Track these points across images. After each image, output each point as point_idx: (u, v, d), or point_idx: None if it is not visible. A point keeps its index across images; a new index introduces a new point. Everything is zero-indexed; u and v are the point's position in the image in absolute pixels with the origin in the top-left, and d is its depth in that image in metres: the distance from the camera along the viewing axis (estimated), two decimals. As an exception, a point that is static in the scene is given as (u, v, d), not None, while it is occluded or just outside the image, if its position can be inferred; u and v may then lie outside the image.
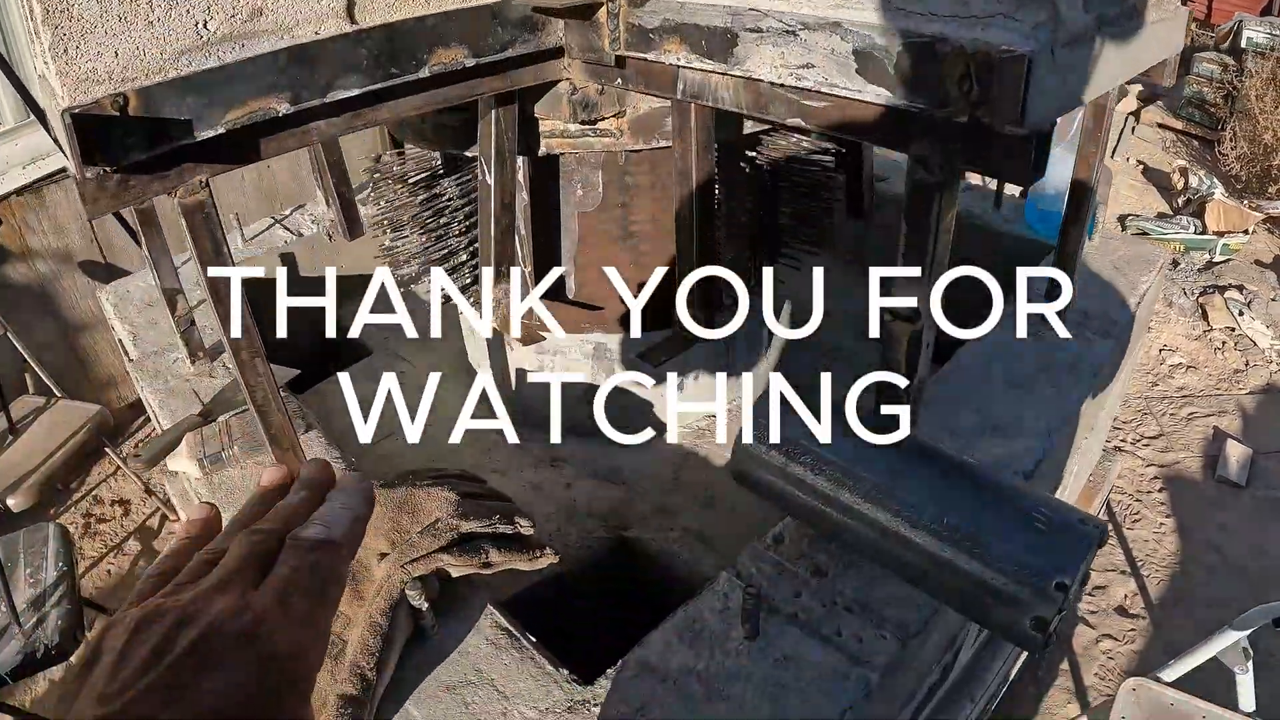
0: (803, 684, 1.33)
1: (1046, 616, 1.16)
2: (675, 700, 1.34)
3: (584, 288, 1.92)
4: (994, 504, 1.21)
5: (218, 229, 1.42)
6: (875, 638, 1.39)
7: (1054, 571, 1.16)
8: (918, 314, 1.27)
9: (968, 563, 1.20)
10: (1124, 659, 3.25)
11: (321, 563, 0.54)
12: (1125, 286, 2.34)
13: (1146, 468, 3.98)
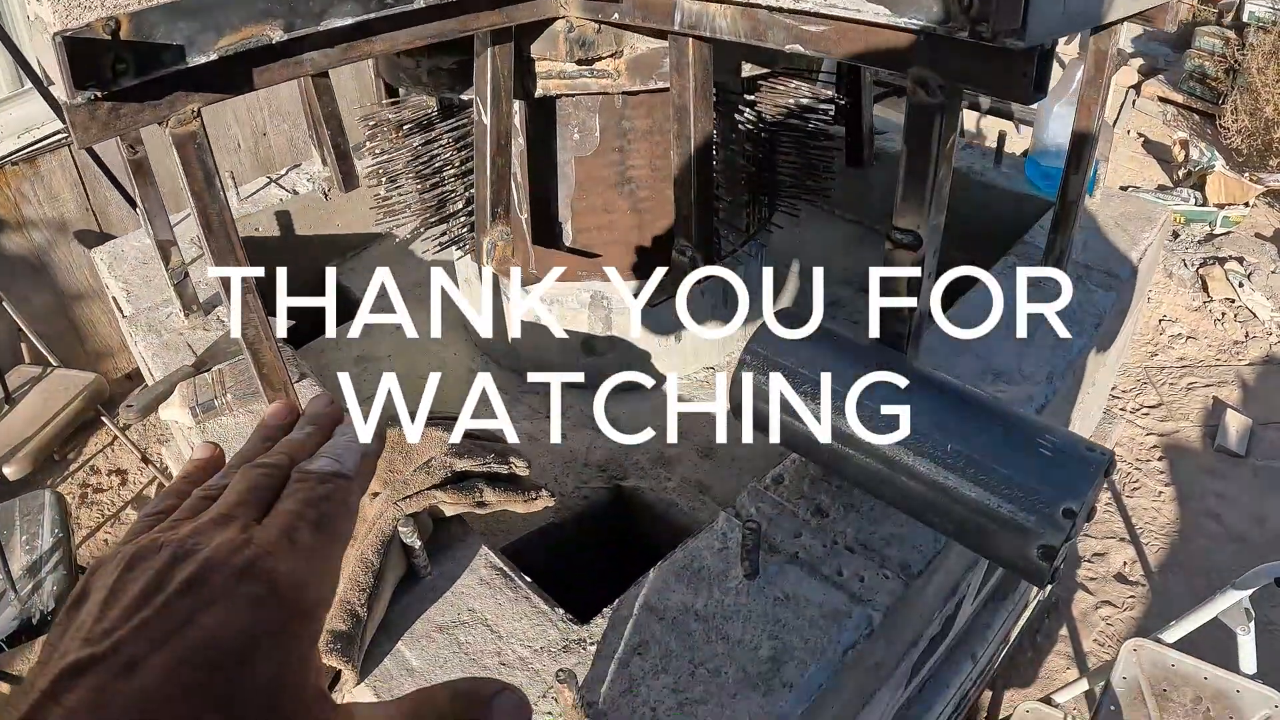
0: (803, 623, 1.31)
1: (1054, 544, 1.13)
2: (673, 639, 1.31)
3: (581, 235, 1.89)
4: (999, 431, 1.18)
5: (209, 158, 1.39)
6: (878, 577, 1.36)
7: (1062, 497, 1.12)
8: (919, 241, 1.24)
9: (972, 489, 1.16)
10: (1123, 625, 3.23)
11: (331, 495, 0.50)
12: (1126, 242, 2.31)
13: (1146, 436, 3.95)
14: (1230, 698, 2.25)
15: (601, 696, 1.28)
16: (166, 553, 0.43)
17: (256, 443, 0.57)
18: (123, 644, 0.38)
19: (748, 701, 1.24)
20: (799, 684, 1.24)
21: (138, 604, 0.40)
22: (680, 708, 1.24)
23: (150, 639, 0.38)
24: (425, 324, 2.36)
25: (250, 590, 0.41)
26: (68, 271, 3.93)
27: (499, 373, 2.18)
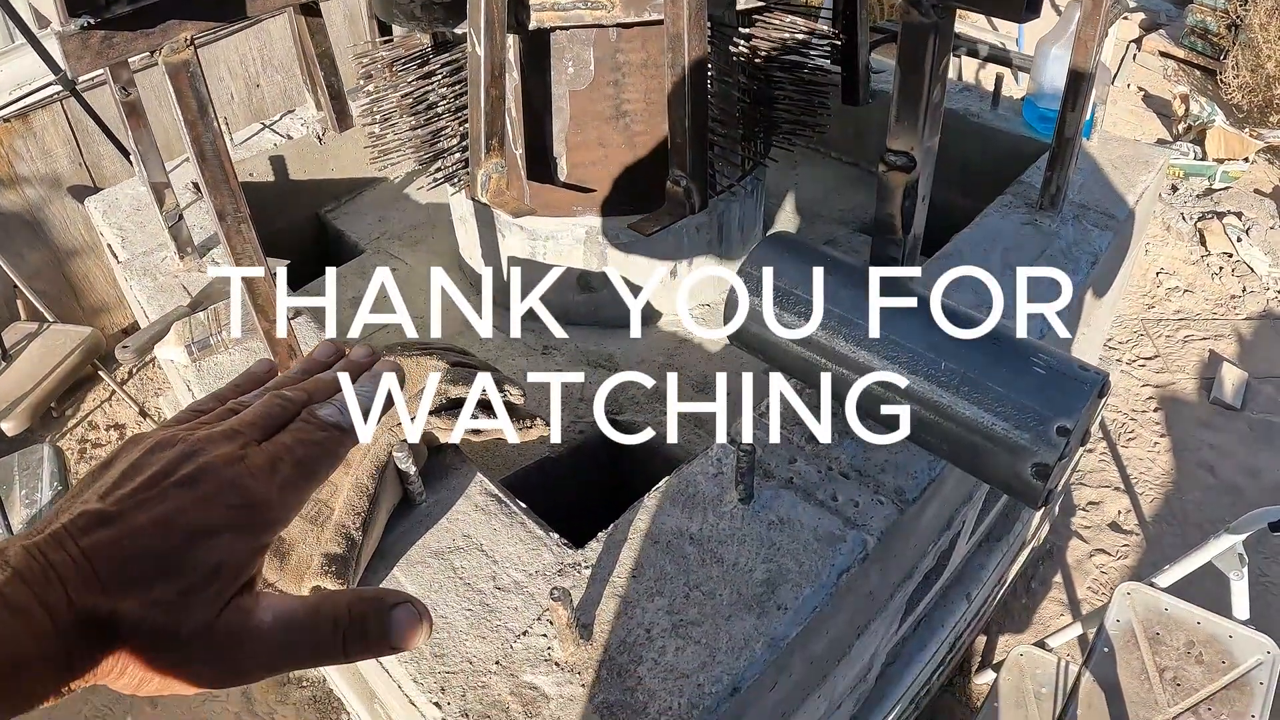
0: (797, 547, 1.30)
1: (1048, 462, 1.12)
2: (668, 562, 1.31)
3: (576, 169, 1.87)
4: (992, 350, 1.17)
5: (202, 87, 1.37)
6: (872, 503, 1.35)
7: (1056, 415, 1.11)
8: (913, 163, 1.22)
9: (966, 407, 1.15)
10: (1117, 573, 3.25)
11: (323, 443, 0.58)
12: (1123, 184, 2.28)
13: (1142, 387, 3.95)
14: (1222, 642, 2.25)
15: (596, 618, 1.27)
16: (180, 448, 0.53)
17: (295, 372, 0.66)
18: (129, 512, 0.49)
19: (742, 623, 1.24)
20: (794, 606, 1.24)
21: (147, 484, 0.50)
22: (675, 629, 1.24)
23: (148, 514, 0.49)
24: (423, 263, 2.35)
25: (226, 498, 0.51)
26: (63, 227, 3.91)
27: (495, 310, 2.17)
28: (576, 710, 1.21)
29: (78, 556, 0.46)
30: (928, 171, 1.23)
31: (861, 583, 1.36)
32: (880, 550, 1.34)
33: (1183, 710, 2.11)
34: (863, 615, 1.50)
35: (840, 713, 1.83)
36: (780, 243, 1.32)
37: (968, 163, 2.52)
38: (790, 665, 1.29)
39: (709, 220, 1.98)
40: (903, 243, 1.27)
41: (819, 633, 1.32)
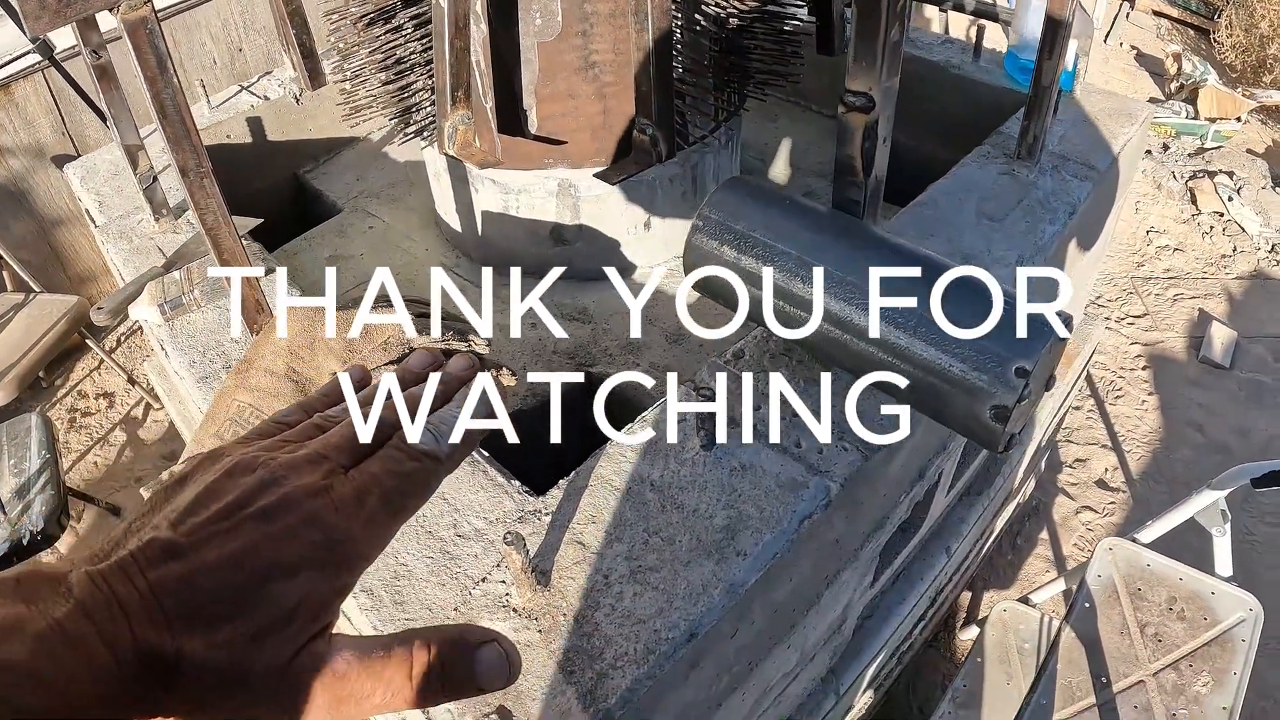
0: (759, 492, 1.29)
1: (1007, 405, 1.10)
2: (629, 509, 1.30)
3: (546, 121, 1.84)
4: (952, 292, 1.14)
5: (161, 43, 1.36)
6: (837, 450, 1.34)
7: (1014, 357, 1.09)
8: (872, 103, 1.20)
9: (925, 349, 1.13)
10: (1103, 530, 3.24)
11: (414, 475, 0.53)
12: (1105, 135, 2.25)
13: (1131, 345, 3.92)
14: (1204, 599, 2.24)
15: (555, 564, 1.26)
16: (259, 476, 0.49)
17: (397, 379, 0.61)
18: (201, 544, 0.46)
19: (700, 569, 1.22)
20: (753, 552, 1.23)
21: (222, 514, 0.47)
22: (633, 575, 1.23)
23: (222, 548, 0.46)
24: (400, 221, 2.33)
25: (307, 534, 0.48)
26: (47, 197, 3.87)
27: (470, 265, 2.15)
28: (533, 656, 1.20)
29: (145, 591, 0.44)
30: (888, 113, 1.20)
31: (825, 530, 1.35)
32: (844, 497, 1.32)
33: (1164, 666, 2.10)
34: (831, 564, 1.49)
35: (815, 664, 1.83)
36: (739, 186, 1.30)
37: (949, 115, 2.49)
38: (751, 612, 1.28)
39: (682, 171, 1.95)
40: (863, 185, 1.24)
41: (780, 580, 1.30)
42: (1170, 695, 2.04)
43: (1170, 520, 2.37)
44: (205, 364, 1.76)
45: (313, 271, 2.23)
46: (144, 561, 0.45)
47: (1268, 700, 2.75)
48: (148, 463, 3.58)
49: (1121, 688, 2.06)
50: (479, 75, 1.82)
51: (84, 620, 0.42)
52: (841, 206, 1.31)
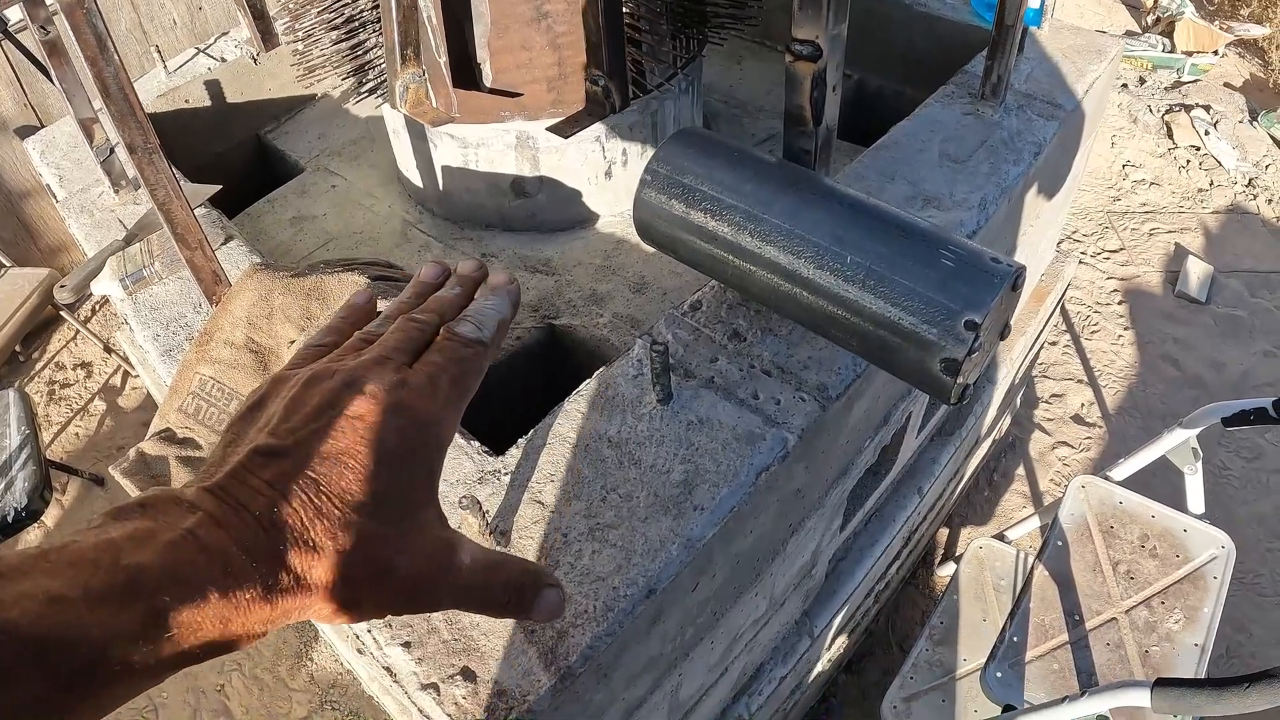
0: (716, 446, 1.27)
1: (956, 358, 1.08)
2: (585, 465, 1.28)
3: (501, 74, 1.79)
4: (900, 243, 1.11)
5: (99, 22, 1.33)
6: (794, 400, 1.32)
7: (964, 309, 1.06)
8: (819, 51, 1.16)
9: (873, 301, 1.11)
10: (1079, 465, 3.25)
11: (469, 359, 0.57)
12: (1072, 73, 2.21)
13: (1106, 280, 3.91)
14: (1177, 537, 2.24)
15: (514, 524, 1.25)
16: (339, 379, 0.52)
17: (410, 297, 0.65)
18: (304, 441, 0.48)
19: (658, 525, 1.21)
20: (709, 506, 1.21)
21: (315, 414, 0.49)
22: (591, 533, 1.22)
23: (323, 442, 0.48)
24: (361, 179, 2.29)
25: (398, 422, 0.50)
26: (12, 170, 3.80)
27: (433, 221, 2.11)
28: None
29: (265, 490, 0.46)
30: (836, 60, 1.16)
31: (785, 481, 1.34)
32: (803, 448, 1.30)
33: (1136, 603, 2.11)
34: (794, 513, 1.48)
35: (786, 609, 1.83)
36: (687, 138, 1.27)
37: (915, 53, 2.44)
38: (711, 566, 1.27)
39: (642, 119, 1.91)
40: (814, 135, 1.21)
41: (740, 532, 1.29)
42: (1142, 632, 2.05)
43: (1142, 458, 2.37)
44: (169, 337, 1.73)
45: (277, 234, 2.19)
46: (254, 467, 0.47)
47: (1243, 634, 2.77)
48: (129, 431, 3.56)
49: (1094, 625, 2.07)
50: (431, 30, 1.77)
51: (214, 527, 0.43)
52: (793, 157, 1.28)
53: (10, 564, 0.39)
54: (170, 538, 0.42)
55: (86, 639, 0.38)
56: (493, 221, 2.04)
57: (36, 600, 0.38)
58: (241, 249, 1.85)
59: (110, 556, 0.40)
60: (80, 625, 0.38)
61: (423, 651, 1.18)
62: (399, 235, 2.10)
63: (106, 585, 0.39)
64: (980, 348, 1.06)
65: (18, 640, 0.36)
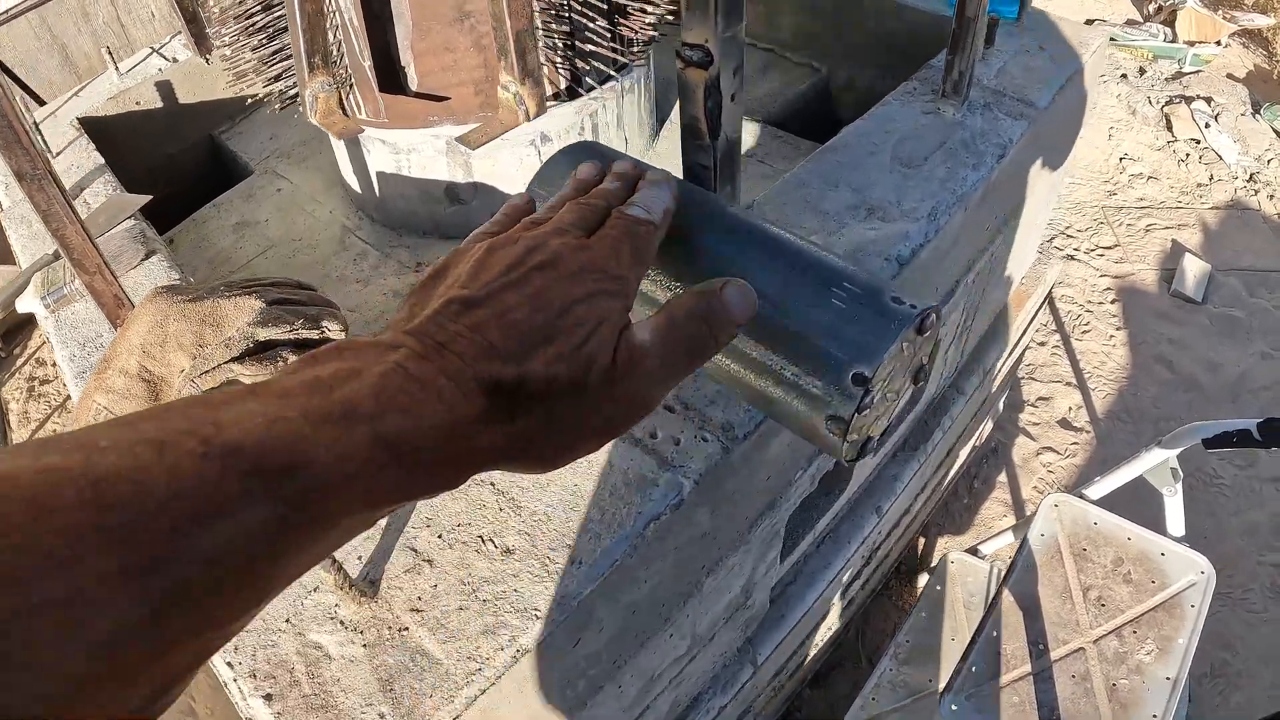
0: (603, 492, 1.11)
1: (843, 416, 0.86)
2: (465, 512, 1.13)
3: (426, 77, 1.64)
4: (787, 277, 0.91)
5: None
6: (695, 441, 1.15)
7: (852, 360, 0.84)
8: (709, 57, 0.98)
9: (753, 347, 0.90)
10: (1064, 473, 3.05)
11: (643, 235, 0.57)
12: (1049, 68, 2.00)
13: (1100, 278, 3.68)
14: (1153, 561, 2.05)
15: (386, 572, 1.10)
16: (522, 245, 0.51)
17: (571, 190, 0.66)
18: (496, 293, 0.47)
19: (533, 580, 1.06)
20: (589, 560, 1.06)
21: (506, 271, 0.49)
22: (462, 586, 1.07)
23: (519, 293, 0.47)
24: (307, 182, 2.15)
25: (588, 273, 0.50)
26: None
27: (371, 227, 1.96)
28: (357, 673, 1.04)
29: (465, 332, 0.45)
30: (731, 66, 0.99)
31: (684, 528, 1.17)
32: (703, 494, 1.14)
33: (1106, 632, 1.93)
34: (705, 556, 1.31)
35: (720, 641, 1.67)
36: (576, 153, 1.09)
37: (889, 44, 2.26)
38: (593, 621, 1.12)
39: (579, 119, 1.75)
40: (711, 149, 1.04)
41: (628, 584, 1.14)
42: (1111, 663, 1.87)
43: (1119, 477, 2.17)
44: (84, 358, 1.59)
45: (219, 240, 2.05)
46: (452, 314, 0.46)
47: (1228, 652, 2.58)
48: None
49: (1060, 655, 1.90)
50: (353, 33, 1.61)
51: (422, 360, 0.42)
52: (692, 173, 1.11)
53: (216, 396, 0.37)
54: (380, 370, 0.41)
55: (316, 460, 0.36)
56: (429, 229, 1.89)
57: (256, 420, 0.36)
58: (163, 265, 1.71)
59: (322, 388, 0.39)
60: (306, 447, 0.36)
61: (283, 705, 1.04)
62: (337, 243, 1.95)
63: (325, 410, 0.38)
64: (874, 404, 0.87)
65: (244, 459, 0.34)
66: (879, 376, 0.83)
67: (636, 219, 0.58)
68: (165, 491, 0.32)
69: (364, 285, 1.82)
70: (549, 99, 1.69)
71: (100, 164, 2.00)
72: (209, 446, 0.34)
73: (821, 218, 1.47)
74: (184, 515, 0.32)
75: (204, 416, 0.35)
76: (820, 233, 1.44)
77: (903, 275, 1.40)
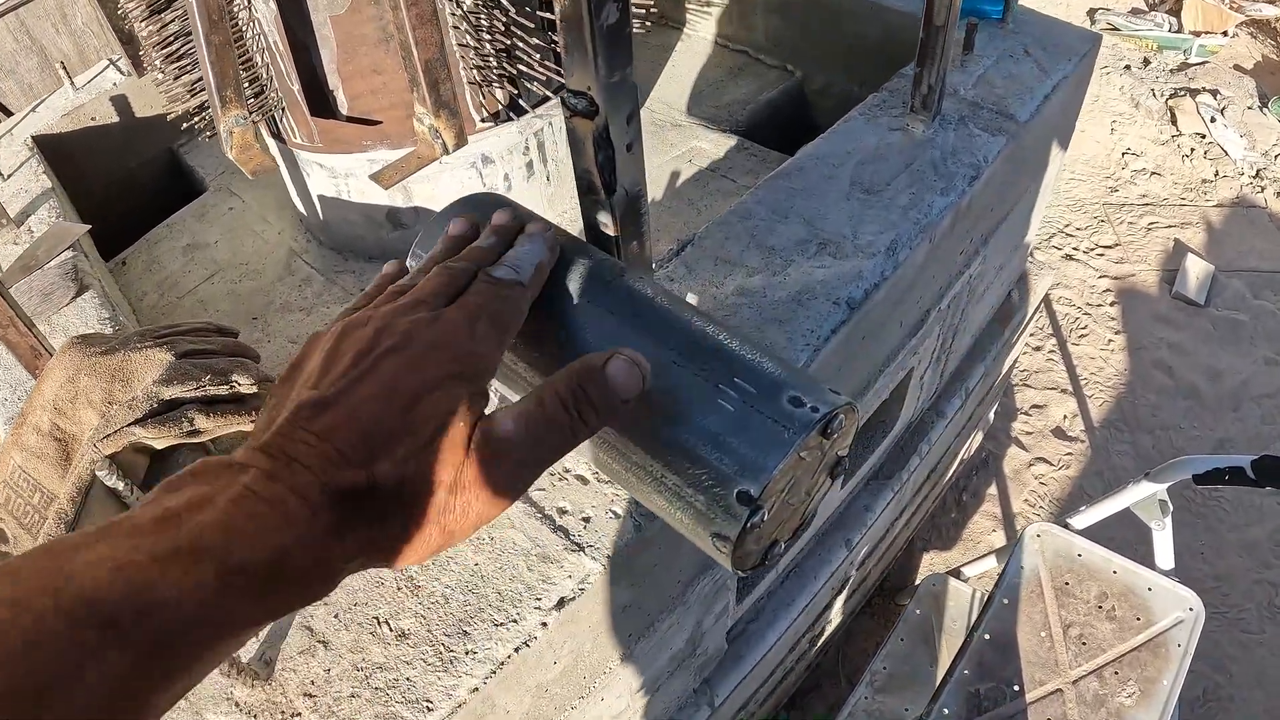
0: (504, 575, 1.02)
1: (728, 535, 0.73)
2: (363, 589, 1.04)
3: (356, 101, 1.54)
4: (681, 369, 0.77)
5: None
6: (606, 515, 1.05)
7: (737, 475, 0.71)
8: (594, 106, 0.87)
9: (633, 450, 0.76)
10: (1057, 485, 2.93)
11: (509, 299, 0.55)
12: (1034, 75, 1.85)
13: (1099, 279, 3.54)
14: (1139, 596, 1.92)
15: (282, 653, 1.02)
16: (372, 326, 0.51)
17: (443, 250, 0.63)
18: (345, 391, 0.47)
19: (426, 671, 0.97)
20: (483, 652, 0.97)
21: (355, 361, 0.48)
22: (356, 671, 0.98)
23: (368, 386, 0.47)
24: (259, 202, 2.06)
25: (439, 355, 0.49)
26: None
27: (318, 251, 1.87)
28: (245, 767, 0.96)
29: (314, 441, 0.44)
30: (623, 113, 0.87)
31: (595, 606, 1.08)
32: (616, 572, 1.04)
33: (1086, 673, 1.81)
34: (631, 625, 1.22)
35: (670, 687, 1.57)
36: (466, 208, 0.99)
37: (866, 49, 2.13)
38: (495, 709, 1.02)
39: (522, 139, 1.64)
40: (609, 205, 0.93)
41: (535, 667, 1.04)
42: (1090, 707, 1.77)
43: (1105, 508, 2.05)
44: (15, 403, 1.52)
45: (169, 264, 1.96)
46: (302, 420, 0.45)
47: (1222, 674, 2.46)
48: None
49: (1035, 697, 1.79)
50: (279, 56, 1.52)
51: (270, 481, 0.42)
52: (593, 234, 1.00)
53: (68, 540, 0.37)
54: (229, 496, 0.40)
55: (163, 603, 0.36)
56: (374, 253, 1.80)
57: (104, 569, 0.36)
58: (94, 303, 1.62)
59: (171, 523, 0.39)
60: (153, 590, 0.36)
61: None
62: (283, 267, 1.85)
63: (172, 548, 0.38)
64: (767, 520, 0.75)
65: (92, 612, 0.34)
66: (769, 492, 0.70)
67: (500, 281, 0.56)
68: (20, 653, 0.32)
69: (307, 314, 1.73)
70: (486, 120, 1.58)
71: (48, 188, 1.92)
72: (59, 601, 0.34)
73: (767, 255, 1.36)
74: (43, 673, 0.33)
75: (56, 569, 0.35)
76: (764, 272, 1.33)
77: (852, 321, 1.29)
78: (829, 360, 1.27)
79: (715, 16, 2.38)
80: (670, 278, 1.31)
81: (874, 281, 1.37)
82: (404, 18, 1.19)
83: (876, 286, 1.37)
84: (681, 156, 2.01)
